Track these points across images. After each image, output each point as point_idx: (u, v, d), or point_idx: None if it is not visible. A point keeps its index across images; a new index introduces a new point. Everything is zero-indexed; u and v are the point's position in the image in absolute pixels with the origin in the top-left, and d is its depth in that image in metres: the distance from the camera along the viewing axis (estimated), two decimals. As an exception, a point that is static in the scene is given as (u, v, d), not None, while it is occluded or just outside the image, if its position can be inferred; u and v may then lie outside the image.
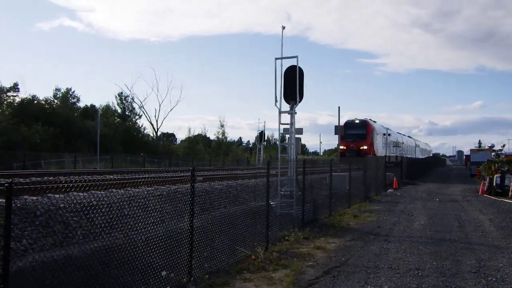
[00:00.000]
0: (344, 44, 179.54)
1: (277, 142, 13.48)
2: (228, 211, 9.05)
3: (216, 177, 16.59)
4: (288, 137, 13.75)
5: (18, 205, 7.00)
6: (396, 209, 17.38)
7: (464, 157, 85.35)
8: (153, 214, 7.52)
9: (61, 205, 7.53)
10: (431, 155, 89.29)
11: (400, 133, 55.85)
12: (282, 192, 12.60)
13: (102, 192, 8.64)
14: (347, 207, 16.70)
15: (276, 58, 13.48)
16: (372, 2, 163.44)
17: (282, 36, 13.67)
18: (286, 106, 13.56)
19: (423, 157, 69.10)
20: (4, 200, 5.81)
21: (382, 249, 9.97)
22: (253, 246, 8.99)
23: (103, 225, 7.24)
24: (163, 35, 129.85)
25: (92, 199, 7.52)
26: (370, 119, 41.84)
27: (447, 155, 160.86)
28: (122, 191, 9.15)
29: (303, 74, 13.56)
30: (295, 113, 13.76)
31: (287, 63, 13.59)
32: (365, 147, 37.86)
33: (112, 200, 7.32)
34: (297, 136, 13.99)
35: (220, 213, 8.69)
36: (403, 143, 53.41)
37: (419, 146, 69.85)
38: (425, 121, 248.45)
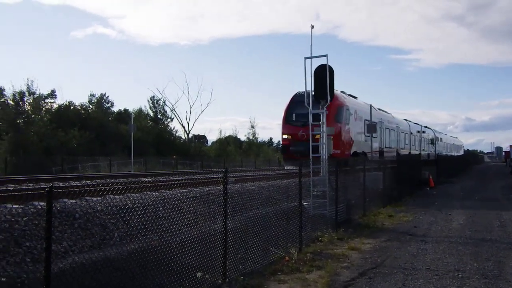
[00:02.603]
0: (374, 41, 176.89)
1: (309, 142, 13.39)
2: (261, 212, 9.05)
3: (248, 178, 16.63)
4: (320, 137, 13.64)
5: (58, 208, 7.21)
6: (433, 208, 16.96)
7: (504, 153, 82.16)
8: (187, 216, 7.60)
9: (99, 208, 7.71)
10: (461, 151, 75.53)
11: (408, 120, 39.49)
12: (315, 193, 12.50)
13: (137, 195, 8.80)
14: (381, 207, 16.42)
15: (306, 58, 13.43)
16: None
17: (311, 35, 13.59)
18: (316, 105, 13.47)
19: (450, 153, 57.40)
20: (44, 204, 6.00)
21: (419, 249, 9.74)
22: (287, 247, 8.95)
23: (138, 227, 7.36)
24: (193, 38, 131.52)
25: (128, 202, 7.66)
26: (340, 91, 24.05)
27: (485, 151, 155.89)
28: (156, 193, 9.29)
29: (333, 72, 13.44)
30: (326, 112, 13.66)
31: (317, 62, 13.47)
32: None
33: (147, 202, 7.45)
34: (328, 135, 13.86)
35: (253, 214, 8.69)
36: (411, 133, 37.53)
37: (441, 140, 53.99)
38: (461, 117, 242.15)
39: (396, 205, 17.71)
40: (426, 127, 45.93)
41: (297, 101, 22.12)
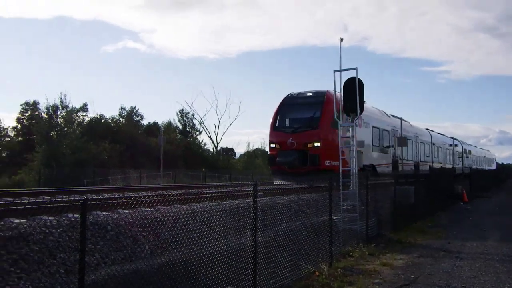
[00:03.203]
0: (404, 53, 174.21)
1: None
2: (290, 226, 8.97)
3: (276, 192, 16.55)
4: (350, 151, 13.51)
5: (91, 220, 7.33)
6: (467, 224, 16.47)
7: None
8: (216, 229, 7.60)
9: (130, 220, 7.79)
10: (493, 165, 70.74)
11: (430, 130, 35.36)
12: (345, 207, 12.34)
13: (167, 207, 8.87)
14: (413, 222, 16.04)
15: (335, 71, 13.40)
16: (432, 8, 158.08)
17: (340, 49, 13.54)
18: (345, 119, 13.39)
19: (481, 167, 52.89)
20: (78, 216, 6.10)
21: (454, 266, 9.45)
22: (317, 262, 8.83)
23: (169, 240, 7.40)
24: (221, 52, 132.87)
25: (158, 214, 7.72)
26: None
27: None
28: (185, 206, 9.35)
29: (363, 85, 13.34)
30: (356, 125, 13.54)
31: (346, 75, 13.43)
32: (318, 145, 17.60)
33: (177, 215, 7.48)
34: (358, 149, 13.72)
35: (283, 228, 8.62)
36: (434, 144, 33.76)
37: (470, 152, 48.48)
38: (494, 130, 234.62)
39: (429, 220, 17.29)
40: (453, 138, 41.86)
41: (288, 104, 19.49)
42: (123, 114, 57.58)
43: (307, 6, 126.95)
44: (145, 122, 60.99)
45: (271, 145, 18.98)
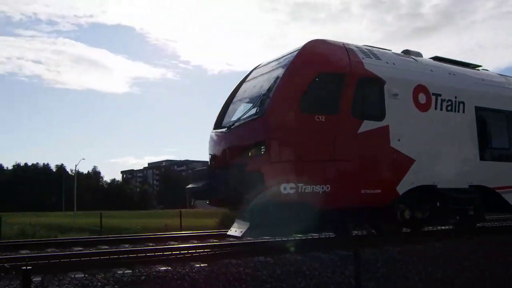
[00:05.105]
0: None
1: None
2: None
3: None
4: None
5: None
6: None
7: None
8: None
9: (397, 258, 7.82)
10: None
11: None
12: None
13: (436, 244, 8.54)
14: None
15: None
16: None
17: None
18: None
19: None
20: (351, 253, 6.40)
21: None
22: None
23: (441, 279, 7.05)
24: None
25: (429, 252, 7.48)
26: (361, 46, 10.00)
27: None
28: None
29: None
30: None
31: None
32: (262, 150, 8.13)
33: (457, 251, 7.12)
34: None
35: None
36: None
37: None
38: None
39: None
40: None
41: (244, 82, 10.60)
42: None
43: None
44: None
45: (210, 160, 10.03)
